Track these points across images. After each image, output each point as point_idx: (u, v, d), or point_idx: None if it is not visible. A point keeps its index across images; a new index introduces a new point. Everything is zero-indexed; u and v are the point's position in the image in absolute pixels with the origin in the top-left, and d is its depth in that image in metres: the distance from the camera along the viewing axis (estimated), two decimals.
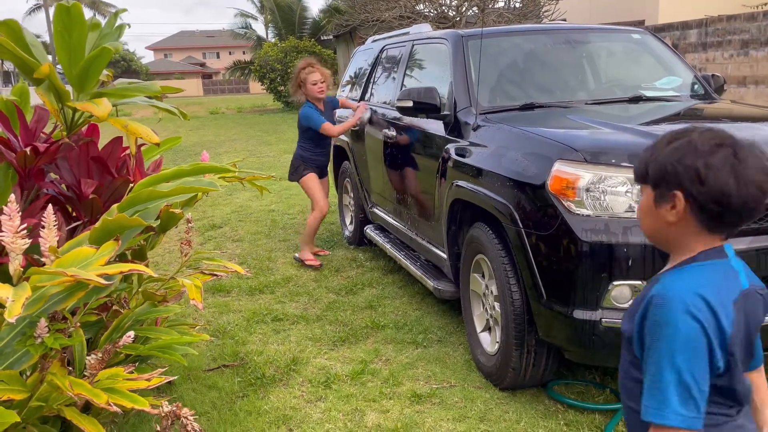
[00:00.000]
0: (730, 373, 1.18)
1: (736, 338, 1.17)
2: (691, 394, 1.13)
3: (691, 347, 1.13)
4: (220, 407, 2.98)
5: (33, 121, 2.58)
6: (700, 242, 1.23)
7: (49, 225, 1.91)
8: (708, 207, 1.17)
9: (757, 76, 9.10)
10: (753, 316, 1.24)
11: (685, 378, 1.13)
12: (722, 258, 1.24)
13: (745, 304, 1.21)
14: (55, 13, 2.26)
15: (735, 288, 1.21)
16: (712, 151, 1.17)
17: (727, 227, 1.22)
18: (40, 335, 1.81)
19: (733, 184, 1.15)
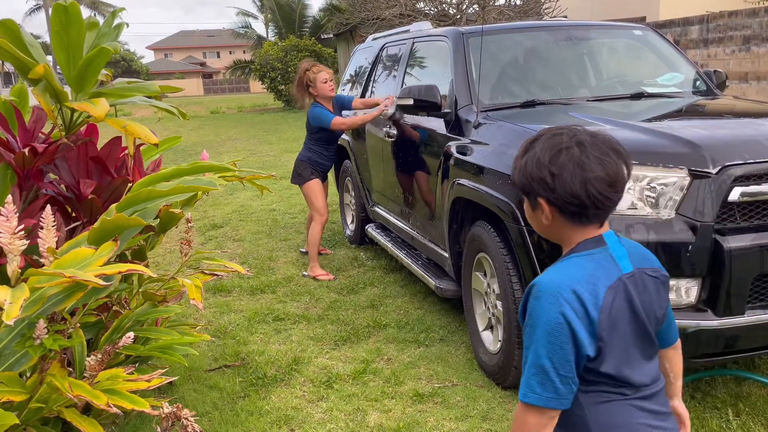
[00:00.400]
0: (602, 357, 1.25)
1: (607, 323, 1.24)
2: (549, 378, 1.23)
3: (553, 337, 1.23)
4: (221, 407, 2.97)
5: (31, 122, 2.57)
6: (578, 235, 1.32)
7: (47, 226, 1.90)
8: (567, 209, 1.28)
9: (759, 71, 9.07)
10: (643, 297, 1.31)
11: (544, 364, 1.23)
12: (600, 247, 1.31)
13: (626, 287, 1.28)
14: (52, 12, 2.25)
15: (611, 274, 1.28)
16: (554, 159, 1.27)
17: (595, 218, 1.30)
18: (39, 336, 1.80)
19: (579, 185, 1.24)
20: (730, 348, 2.46)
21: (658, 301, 1.35)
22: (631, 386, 1.30)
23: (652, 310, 1.33)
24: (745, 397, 2.86)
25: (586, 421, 1.29)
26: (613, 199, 1.27)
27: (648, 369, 1.34)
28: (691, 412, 2.76)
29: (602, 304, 1.24)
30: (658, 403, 1.35)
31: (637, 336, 1.31)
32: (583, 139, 1.28)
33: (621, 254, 1.31)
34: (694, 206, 2.40)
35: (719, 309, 2.39)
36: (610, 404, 1.30)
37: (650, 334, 1.34)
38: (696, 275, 2.40)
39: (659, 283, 1.35)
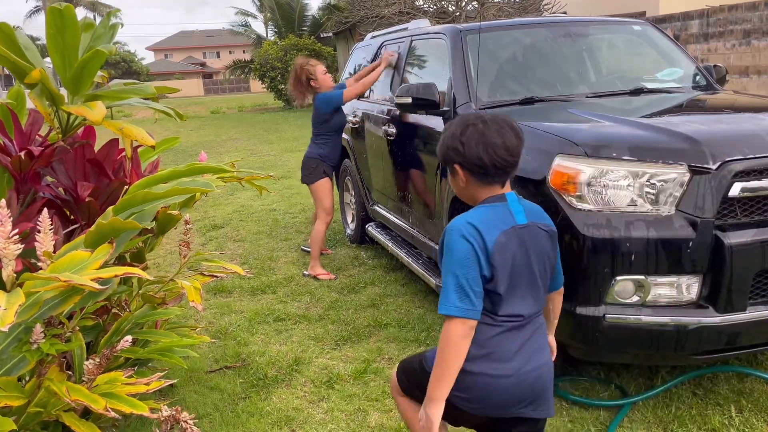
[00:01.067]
0: (495, 280, 1.60)
1: (502, 258, 1.60)
2: (466, 293, 1.57)
3: (464, 260, 1.58)
4: (222, 409, 2.96)
5: (28, 125, 2.56)
6: (485, 193, 1.71)
7: (44, 229, 1.90)
8: (474, 170, 1.66)
9: (759, 65, 9.04)
10: (533, 245, 1.67)
11: (461, 282, 1.57)
12: (501, 202, 1.69)
13: (518, 234, 1.65)
14: (47, 15, 2.24)
15: (507, 222, 1.65)
16: (464, 131, 1.66)
17: (497, 179, 1.68)
18: (36, 341, 1.79)
19: (482, 150, 1.63)
20: (732, 344, 2.45)
21: (548, 251, 1.71)
22: (507, 315, 1.65)
23: (543, 257, 1.69)
24: (747, 394, 2.85)
25: (495, 347, 1.64)
26: (510, 162, 1.66)
27: (528, 305, 1.68)
28: (693, 408, 2.75)
29: (496, 239, 1.60)
30: (535, 335, 1.69)
31: (524, 275, 1.66)
32: (486, 118, 1.67)
33: (518, 210, 1.68)
34: (695, 202, 2.38)
35: (720, 305, 2.37)
36: (482, 326, 1.63)
37: (535, 276, 1.67)
38: (697, 272, 2.39)
39: (548, 236, 1.73)
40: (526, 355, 1.65)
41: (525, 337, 1.66)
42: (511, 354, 1.64)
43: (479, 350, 1.63)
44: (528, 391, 1.66)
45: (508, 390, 1.64)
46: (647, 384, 2.98)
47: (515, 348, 1.64)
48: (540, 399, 1.69)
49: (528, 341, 1.67)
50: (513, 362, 1.64)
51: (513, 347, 1.64)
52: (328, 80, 4.72)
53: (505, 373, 1.63)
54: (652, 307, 2.44)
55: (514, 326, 1.65)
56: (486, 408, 1.66)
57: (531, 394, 1.67)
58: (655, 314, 2.41)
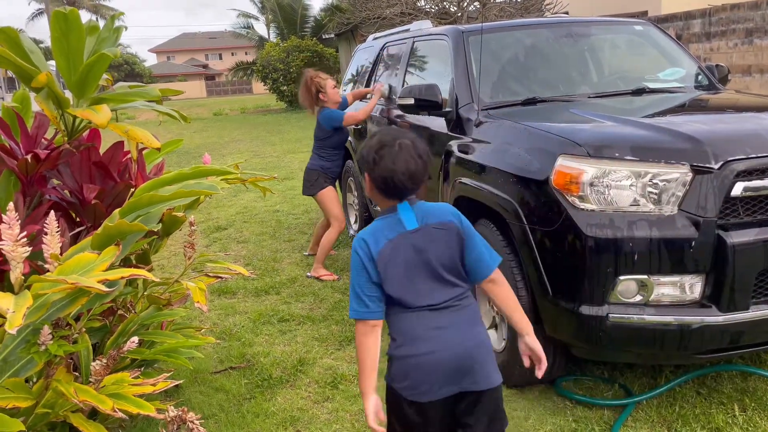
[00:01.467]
0: (386, 283, 1.81)
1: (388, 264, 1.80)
2: (360, 298, 1.82)
3: (355, 270, 1.84)
4: (227, 409, 2.98)
5: (34, 128, 2.58)
6: (384, 203, 1.89)
7: (51, 231, 1.91)
8: (378, 184, 1.83)
9: (762, 64, 9.03)
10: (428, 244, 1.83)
11: (356, 288, 1.83)
12: (392, 213, 1.86)
13: (408, 238, 1.82)
14: (51, 20, 2.26)
15: (395, 231, 1.83)
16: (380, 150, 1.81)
17: (394, 196, 1.85)
18: (44, 342, 1.81)
19: (387, 173, 1.79)
20: (735, 343, 2.45)
21: (446, 246, 1.84)
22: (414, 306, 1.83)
23: (441, 253, 1.83)
24: (751, 393, 2.85)
25: (393, 326, 1.87)
26: (409, 187, 1.83)
27: (435, 296, 1.83)
28: (697, 407, 2.75)
29: (380, 249, 1.81)
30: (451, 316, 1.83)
31: (422, 273, 1.83)
32: (403, 143, 1.82)
33: (408, 217, 1.84)
34: (697, 202, 2.39)
35: (723, 304, 2.38)
36: (401, 316, 1.85)
37: (438, 271, 1.83)
38: (699, 271, 2.40)
39: (446, 233, 1.85)
40: (447, 335, 1.81)
41: (443, 321, 1.82)
42: (430, 336, 1.81)
43: (400, 337, 1.85)
44: (456, 366, 1.80)
45: (435, 366, 1.79)
46: (651, 383, 2.99)
47: (433, 330, 1.81)
48: (472, 373, 1.82)
49: (447, 324, 1.82)
50: (433, 342, 1.80)
51: (431, 330, 1.81)
52: (336, 95, 4.76)
53: (427, 350, 1.79)
54: (655, 306, 2.44)
55: (427, 313, 1.83)
56: (425, 388, 1.80)
57: (461, 369, 1.81)
58: (658, 314, 2.42)
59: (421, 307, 1.83)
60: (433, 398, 1.80)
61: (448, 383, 1.80)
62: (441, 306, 1.83)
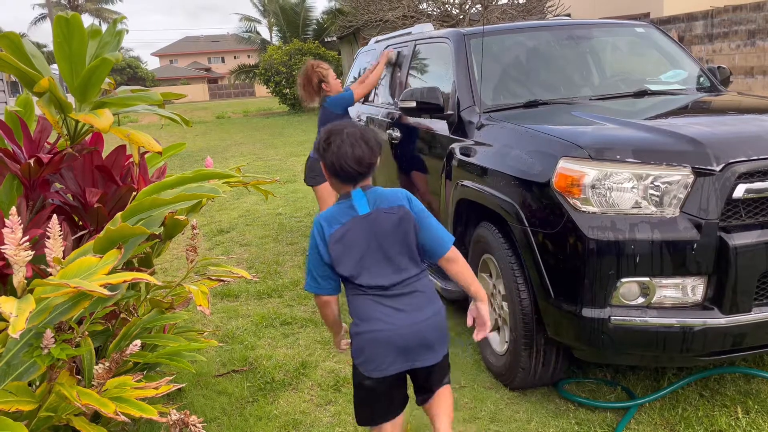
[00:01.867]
0: (337, 264, 1.99)
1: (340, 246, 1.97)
2: (313, 275, 2.05)
3: (311, 251, 2.04)
4: (230, 413, 2.98)
5: (36, 132, 2.59)
6: (341, 189, 2.05)
7: (54, 235, 1.92)
8: (330, 171, 2.00)
9: (764, 66, 9.02)
10: (379, 228, 1.98)
11: (309, 266, 2.06)
12: (347, 199, 2.02)
13: (359, 223, 1.98)
14: (54, 24, 2.27)
15: (347, 215, 1.99)
16: (328, 139, 1.98)
17: (347, 181, 2.01)
18: (47, 346, 1.82)
19: (335, 159, 1.96)
20: (738, 345, 2.45)
21: (398, 230, 1.99)
22: (366, 287, 2.00)
23: (392, 237, 1.98)
24: (754, 395, 2.84)
25: (351, 308, 2.05)
26: (359, 171, 1.97)
27: (386, 278, 1.99)
28: (700, 410, 2.75)
29: (333, 233, 1.98)
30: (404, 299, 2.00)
31: (373, 255, 1.98)
32: (347, 131, 1.97)
33: (361, 203, 1.99)
34: (699, 204, 2.39)
35: (726, 307, 2.38)
36: (357, 297, 2.03)
37: (389, 255, 1.99)
38: (702, 273, 2.39)
39: (398, 217, 1.99)
40: (397, 316, 1.98)
41: (395, 303, 2.00)
42: (382, 315, 1.98)
43: (357, 316, 2.04)
44: (405, 344, 1.99)
45: (386, 344, 1.98)
46: (654, 386, 2.98)
47: (385, 311, 1.99)
48: (422, 349, 2.02)
49: (399, 305, 2.00)
50: (384, 322, 1.98)
51: (383, 309, 1.99)
52: (338, 85, 4.76)
53: (379, 327, 1.98)
54: (657, 308, 2.44)
55: (379, 294, 2.00)
56: (374, 363, 2.01)
57: (410, 347, 2.00)
58: (660, 316, 2.42)
59: (374, 288, 1.99)
60: (385, 374, 2.01)
61: (399, 361, 2.00)
62: (393, 287, 2.00)
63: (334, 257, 1.98)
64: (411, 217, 2.00)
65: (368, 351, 2.00)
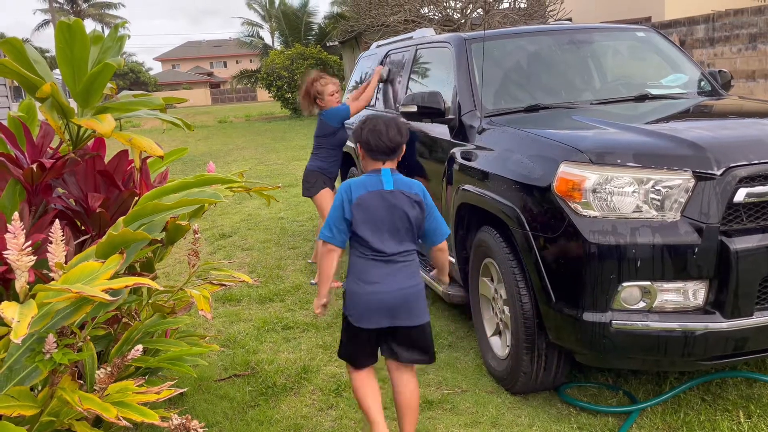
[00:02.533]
0: (354, 223, 2.35)
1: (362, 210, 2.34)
2: (330, 227, 2.39)
3: (336, 205, 2.38)
4: (231, 417, 2.98)
5: (39, 137, 2.60)
6: (371, 165, 2.44)
7: (56, 240, 1.92)
8: (365, 148, 2.42)
9: (766, 69, 9.02)
10: (395, 204, 2.35)
11: (330, 219, 2.39)
12: (376, 173, 2.41)
13: (383, 195, 2.35)
14: (56, 29, 2.28)
15: (375, 186, 2.36)
16: (365, 125, 2.43)
17: (378, 157, 2.41)
18: (49, 351, 1.82)
19: (370, 135, 2.39)
20: (740, 350, 2.44)
21: (410, 211, 2.35)
22: (372, 249, 2.36)
23: (402, 214, 2.35)
24: (756, 399, 2.84)
25: (351, 267, 2.44)
26: (389, 147, 2.39)
27: (390, 246, 2.36)
28: (702, 414, 2.74)
29: (360, 195, 2.34)
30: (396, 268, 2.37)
31: (386, 224, 2.35)
32: (386, 117, 2.45)
33: (388, 180, 2.38)
34: (700, 208, 2.39)
35: (727, 311, 2.37)
36: (360, 258, 2.40)
37: (398, 227, 2.35)
38: (703, 277, 2.39)
39: (412, 201, 2.36)
40: (390, 280, 2.35)
41: (390, 268, 2.37)
42: (377, 278, 2.36)
43: (355, 276, 2.41)
44: (392, 305, 2.36)
45: (376, 302, 2.36)
46: (655, 390, 2.98)
47: (380, 274, 2.36)
48: (404, 312, 2.38)
49: (393, 271, 2.37)
50: (378, 284, 2.36)
51: (379, 273, 2.36)
52: (332, 102, 4.71)
53: (372, 290, 2.36)
54: (658, 312, 2.44)
55: (379, 259, 2.36)
56: (363, 316, 2.39)
57: (395, 307, 2.36)
58: (661, 320, 2.42)
59: (378, 253, 2.36)
60: (370, 326, 2.39)
61: (383, 318, 2.38)
62: (393, 255, 2.37)
63: (355, 216, 2.34)
64: (423, 206, 2.38)
65: (362, 308, 2.39)
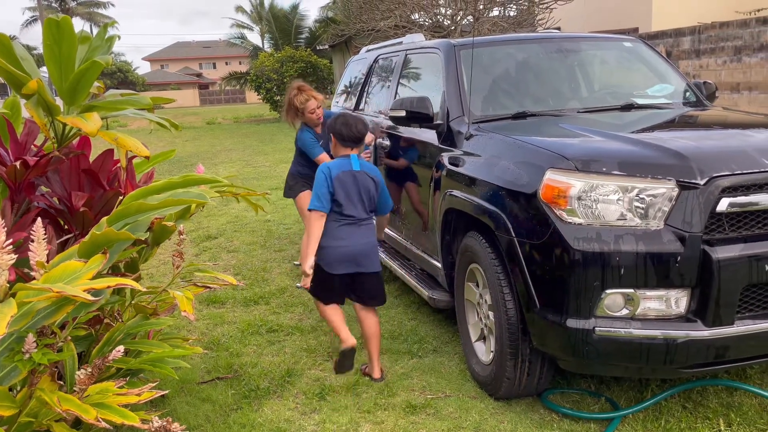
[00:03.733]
0: (335, 195, 3.14)
1: (339, 185, 3.14)
2: (319, 198, 3.14)
3: (320, 182, 3.15)
4: (213, 420, 2.96)
5: (23, 135, 2.57)
6: (342, 151, 3.26)
7: (38, 239, 1.90)
8: (338, 137, 3.24)
9: (750, 82, 9.15)
10: (360, 182, 3.19)
11: (317, 193, 3.15)
12: (347, 158, 3.23)
13: (352, 174, 3.18)
14: (44, 26, 2.26)
15: (346, 167, 3.18)
16: (336, 120, 3.28)
17: (348, 144, 3.24)
18: (28, 351, 1.80)
19: (343, 127, 3.22)
20: (721, 358, 2.47)
21: (371, 187, 3.22)
22: (346, 216, 3.17)
23: (367, 190, 3.21)
24: (736, 407, 2.87)
25: (326, 230, 3.17)
26: (357, 137, 3.24)
27: (357, 212, 3.20)
28: (682, 422, 2.77)
29: (337, 175, 3.15)
30: (360, 228, 3.21)
31: (355, 195, 3.18)
32: (353, 115, 3.39)
33: (356, 163, 3.21)
34: (683, 217, 2.42)
35: (709, 319, 2.40)
36: (334, 222, 3.18)
37: (363, 200, 3.20)
38: (685, 286, 2.42)
39: (372, 180, 3.23)
40: (354, 237, 3.19)
41: (355, 229, 3.19)
42: (346, 235, 3.18)
43: (329, 236, 3.18)
44: (354, 256, 3.19)
45: (342, 254, 3.17)
46: (637, 397, 3.00)
47: (348, 233, 3.18)
48: (365, 259, 3.22)
49: (356, 231, 3.20)
50: (345, 240, 3.17)
51: (347, 233, 3.18)
52: (313, 120, 4.60)
53: (342, 244, 3.18)
54: (641, 320, 2.46)
55: (349, 222, 3.18)
56: (334, 264, 3.18)
57: (357, 258, 3.19)
58: (644, 327, 2.44)
59: (349, 217, 3.18)
60: (338, 272, 3.19)
61: (349, 265, 3.19)
62: (358, 219, 3.20)
63: (335, 188, 3.13)
64: (378, 184, 3.27)
65: (333, 258, 3.18)
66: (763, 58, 8.89)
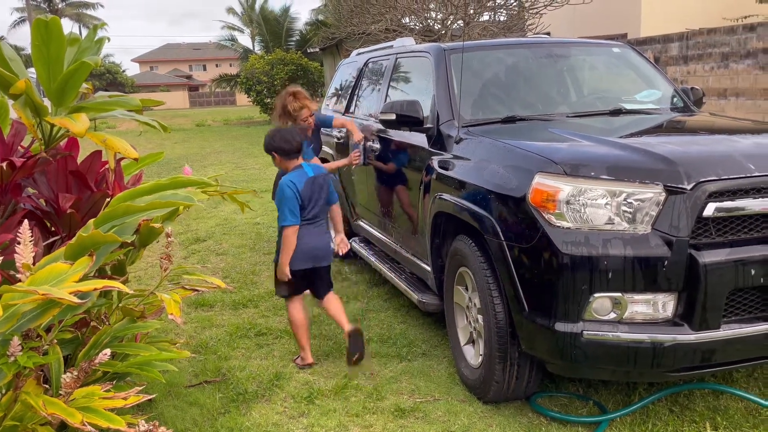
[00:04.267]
0: (304, 205, 3.41)
1: (306, 194, 3.41)
2: (294, 213, 3.38)
3: (290, 198, 3.37)
4: (201, 424, 2.94)
5: (10, 136, 2.55)
6: (292, 164, 3.51)
7: (24, 241, 1.89)
8: (279, 152, 3.51)
9: (737, 88, 9.24)
10: (317, 184, 3.47)
11: (290, 208, 3.38)
12: (300, 168, 3.47)
13: (310, 180, 3.44)
14: (32, 27, 2.24)
15: (305, 177, 3.43)
16: (272, 138, 3.53)
17: (294, 156, 3.50)
18: (13, 353, 1.78)
19: (283, 143, 3.48)
20: (707, 362, 2.48)
21: (324, 185, 3.51)
22: (307, 219, 3.43)
23: (322, 190, 3.49)
24: (722, 411, 2.89)
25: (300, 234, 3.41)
26: (297, 149, 3.49)
27: (317, 213, 3.47)
28: (669, 425, 2.78)
29: (302, 187, 3.40)
30: (317, 227, 3.50)
31: (315, 199, 3.44)
32: (287, 129, 3.63)
33: (309, 170, 3.46)
34: (670, 221, 2.43)
35: (695, 323, 2.42)
36: (303, 227, 3.42)
37: (321, 201, 3.47)
38: (672, 290, 2.43)
39: (324, 178, 3.52)
40: (312, 236, 3.46)
41: (312, 228, 3.47)
42: (307, 235, 3.44)
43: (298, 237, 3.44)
44: (314, 254, 3.48)
45: (307, 251, 3.45)
46: (625, 400, 3.01)
47: (306, 232, 3.44)
48: (321, 258, 3.52)
49: (314, 230, 3.47)
50: (304, 238, 3.43)
51: (309, 232, 3.45)
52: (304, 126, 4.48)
53: (305, 242, 3.42)
54: (628, 324, 2.47)
55: (311, 222, 3.46)
56: (294, 262, 3.42)
57: (316, 255, 3.49)
58: (631, 331, 2.45)
59: (310, 219, 3.45)
60: (299, 268, 3.45)
61: (309, 261, 3.47)
62: (317, 220, 3.49)
63: (304, 201, 3.39)
64: (329, 182, 3.56)
65: (297, 256, 3.42)
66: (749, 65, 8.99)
